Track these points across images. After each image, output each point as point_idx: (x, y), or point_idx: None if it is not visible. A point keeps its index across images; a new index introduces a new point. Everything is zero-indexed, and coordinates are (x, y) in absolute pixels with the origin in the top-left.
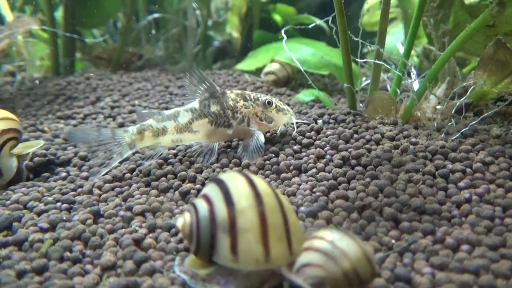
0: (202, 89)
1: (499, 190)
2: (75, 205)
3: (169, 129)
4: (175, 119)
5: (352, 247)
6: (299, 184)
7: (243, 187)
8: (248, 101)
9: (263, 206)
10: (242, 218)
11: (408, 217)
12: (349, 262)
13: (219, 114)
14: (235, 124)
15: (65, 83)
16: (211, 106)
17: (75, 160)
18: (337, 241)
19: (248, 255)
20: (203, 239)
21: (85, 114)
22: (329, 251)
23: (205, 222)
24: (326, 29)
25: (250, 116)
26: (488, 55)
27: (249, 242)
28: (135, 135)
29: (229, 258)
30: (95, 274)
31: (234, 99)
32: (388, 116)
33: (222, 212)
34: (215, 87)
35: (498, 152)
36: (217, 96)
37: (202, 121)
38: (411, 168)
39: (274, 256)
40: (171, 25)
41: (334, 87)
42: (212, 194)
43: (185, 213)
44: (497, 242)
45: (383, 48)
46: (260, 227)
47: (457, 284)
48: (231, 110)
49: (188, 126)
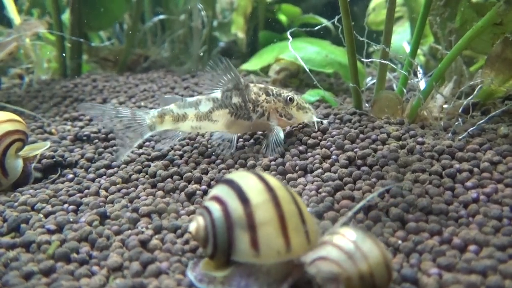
0: (225, 80)
1: (507, 189)
2: (82, 207)
3: (190, 116)
4: (196, 106)
5: (374, 251)
6: (305, 184)
7: (254, 183)
8: (270, 96)
9: (278, 199)
10: (260, 212)
11: (414, 218)
12: (368, 265)
13: (240, 106)
14: (254, 118)
15: (72, 85)
16: (233, 97)
17: (81, 162)
18: (360, 242)
19: (269, 248)
20: (220, 239)
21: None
22: (350, 250)
23: (220, 223)
24: (331, 28)
25: (271, 111)
26: (496, 54)
27: (269, 235)
28: (156, 118)
29: (250, 253)
30: (101, 275)
31: (256, 92)
32: (394, 116)
33: (238, 209)
34: (240, 79)
35: (506, 152)
36: (240, 88)
37: (222, 111)
38: (418, 168)
39: (295, 246)
40: (177, 26)
41: (340, 87)
42: (224, 195)
43: (197, 217)
44: (505, 242)
45: (389, 48)
46: (278, 219)
47: (465, 284)
48: (252, 103)
49: (208, 115)
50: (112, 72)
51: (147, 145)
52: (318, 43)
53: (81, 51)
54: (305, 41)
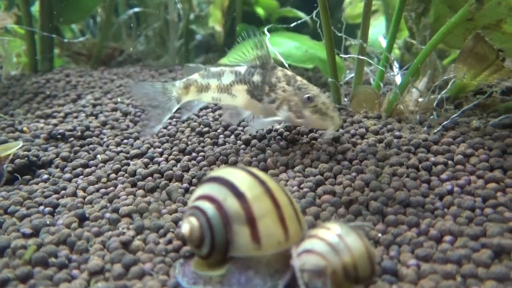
0: (254, 56)
1: (479, 181)
2: (59, 208)
3: (212, 86)
4: (219, 77)
5: (357, 244)
6: (287, 180)
7: (245, 178)
8: (290, 86)
9: (271, 191)
10: (257, 205)
11: (393, 211)
12: (351, 258)
13: (257, 85)
14: (265, 101)
15: (43, 80)
16: (255, 75)
17: (57, 161)
18: (344, 235)
19: (270, 239)
20: (218, 237)
21: (66, 113)
22: (334, 243)
23: (217, 220)
24: (309, 22)
25: (283, 101)
26: (468, 49)
27: (269, 226)
28: (182, 89)
29: (251, 247)
30: (82, 279)
31: (278, 77)
32: (372, 110)
33: (234, 205)
34: (269, 58)
35: (478, 144)
36: (266, 68)
37: (241, 86)
38: (396, 162)
39: (292, 234)
40: (152, 19)
41: (318, 81)
42: (215, 192)
43: (189, 218)
44: (477, 232)
45: (366, 43)
46: (276, 210)
47: (441, 274)
48: (269, 87)
49: (228, 88)
50: (86, 67)
51: (126, 142)
52: (297, 38)
53: (53, 45)
54: (284, 36)
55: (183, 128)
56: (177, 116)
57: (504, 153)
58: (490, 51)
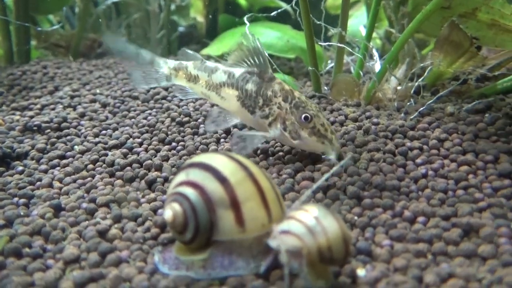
0: (251, 62)
1: (452, 164)
2: (34, 200)
3: (201, 80)
4: (210, 73)
5: (333, 226)
6: (267, 168)
7: (227, 162)
8: (286, 103)
9: (254, 175)
10: (241, 189)
11: (370, 194)
12: (326, 240)
13: (249, 94)
14: (257, 115)
15: (19, 72)
16: (249, 82)
17: (32, 153)
18: (321, 218)
19: (254, 222)
20: (202, 222)
21: (42, 105)
22: (311, 225)
23: (201, 205)
24: (291, 12)
25: (278, 118)
26: (444, 36)
27: (253, 210)
28: (172, 69)
29: (235, 230)
30: (57, 268)
31: (274, 91)
32: (351, 98)
33: (218, 190)
34: (267, 68)
35: (452, 129)
36: (262, 78)
37: (232, 91)
38: (373, 148)
39: (275, 217)
40: (133, 10)
41: (300, 71)
42: (197, 178)
43: (171, 204)
44: (449, 212)
45: (346, 31)
46: (259, 193)
47: (413, 253)
48: (263, 100)
49: (217, 88)
50: (64, 59)
51: (104, 133)
52: (279, 28)
53: (29, 36)
54: (266, 26)
55: (163, 119)
56: (157, 107)
57: (476, 137)
58: (465, 39)
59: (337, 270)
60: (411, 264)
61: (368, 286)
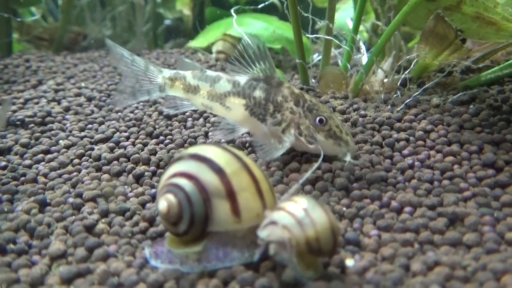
0: (257, 68)
1: (438, 155)
2: (18, 195)
3: (202, 90)
4: (212, 83)
5: (322, 218)
6: (256, 160)
7: (222, 153)
8: (299, 107)
9: (248, 166)
10: (237, 180)
11: (358, 186)
12: (314, 231)
13: (259, 102)
14: (269, 123)
15: (1, 66)
16: (257, 89)
17: (16, 148)
18: (310, 210)
19: (250, 212)
20: (197, 213)
21: (26, 99)
22: (300, 217)
23: (196, 196)
24: (277, 4)
25: (291, 124)
26: (429, 29)
27: (248, 200)
28: (167, 79)
29: (231, 220)
30: (43, 264)
31: (285, 96)
32: (339, 91)
33: (214, 180)
34: (274, 73)
35: (437, 121)
36: (270, 84)
37: (238, 100)
38: (361, 139)
39: (269, 206)
40: (118, 2)
41: (288, 64)
42: (192, 169)
43: (166, 195)
44: (435, 202)
45: (333, 24)
46: (254, 184)
47: (400, 242)
48: (274, 106)
49: (221, 98)
50: (47, 52)
51: (90, 127)
52: (265, 19)
53: (10, 29)
54: (252, 16)
55: (150, 112)
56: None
57: (461, 128)
58: (449, 31)
59: (326, 261)
60: (398, 253)
61: (357, 275)
